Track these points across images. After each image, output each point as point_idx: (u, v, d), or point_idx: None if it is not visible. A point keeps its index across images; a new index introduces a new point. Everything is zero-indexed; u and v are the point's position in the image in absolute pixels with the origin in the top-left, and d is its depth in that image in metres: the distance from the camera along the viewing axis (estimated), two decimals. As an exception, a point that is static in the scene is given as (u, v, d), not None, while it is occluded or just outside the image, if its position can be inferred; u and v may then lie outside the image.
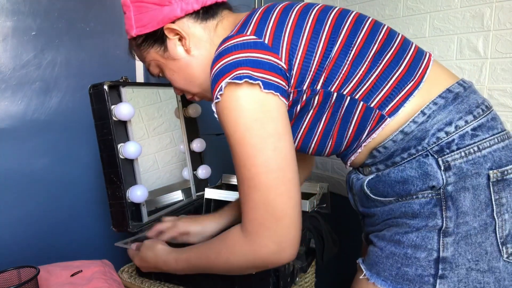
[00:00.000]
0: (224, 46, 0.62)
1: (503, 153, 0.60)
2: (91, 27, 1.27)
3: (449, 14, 1.22)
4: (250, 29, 0.63)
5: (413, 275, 0.61)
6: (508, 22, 1.08)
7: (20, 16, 1.13)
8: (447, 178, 0.58)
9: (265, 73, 0.58)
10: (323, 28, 0.64)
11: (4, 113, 1.13)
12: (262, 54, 0.59)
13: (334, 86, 0.63)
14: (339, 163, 1.71)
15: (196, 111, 1.32)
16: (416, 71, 0.64)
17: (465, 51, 1.18)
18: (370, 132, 0.65)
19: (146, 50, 0.76)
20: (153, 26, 0.72)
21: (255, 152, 0.58)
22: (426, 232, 0.60)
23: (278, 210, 0.58)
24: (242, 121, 0.58)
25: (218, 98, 0.60)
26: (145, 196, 1.04)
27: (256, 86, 0.57)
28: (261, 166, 0.58)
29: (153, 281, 0.98)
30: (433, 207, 0.60)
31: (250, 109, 0.58)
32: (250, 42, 0.60)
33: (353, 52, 0.63)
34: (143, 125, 1.16)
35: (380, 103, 0.63)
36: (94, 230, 1.35)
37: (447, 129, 0.59)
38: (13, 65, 1.14)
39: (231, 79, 0.57)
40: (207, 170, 1.34)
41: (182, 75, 0.76)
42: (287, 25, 0.63)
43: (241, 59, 0.58)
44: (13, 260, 1.10)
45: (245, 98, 0.58)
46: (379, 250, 0.67)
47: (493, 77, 1.13)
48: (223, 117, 0.61)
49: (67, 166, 1.26)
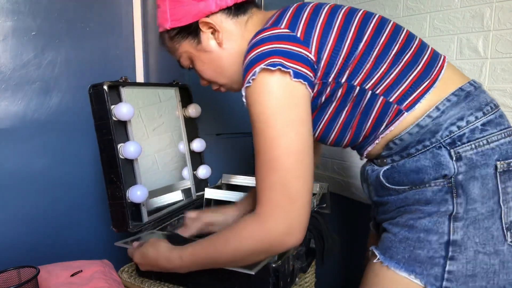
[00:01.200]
0: (259, 37, 0.67)
1: (509, 146, 0.66)
2: (91, 27, 1.27)
3: (449, 14, 1.22)
4: (284, 23, 0.68)
5: (425, 257, 0.66)
6: (508, 22, 1.08)
7: (20, 16, 1.13)
8: (458, 168, 0.64)
9: (296, 64, 0.63)
10: (350, 27, 0.70)
11: (4, 113, 1.13)
12: (295, 46, 0.64)
13: (357, 81, 0.68)
14: (339, 163, 1.71)
15: (196, 111, 1.32)
16: (432, 70, 0.70)
17: (465, 51, 1.18)
18: (388, 125, 0.70)
19: (179, 42, 0.81)
20: (188, 19, 0.77)
21: (279, 134, 0.62)
22: (437, 217, 0.66)
23: (293, 192, 0.62)
24: (269, 104, 0.62)
25: (249, 82, 0.64)
26: (145, 196, 1.04)
27: (287, 75, 0.62)
28: (283, 148, 0.61)
29: (153, 281, 0.98)
30: (444, 194, 0.65)
31: (279, 94, 0.62)
32: (285, 35, 0.66)
33: (376, 50, 0.69)
34: (143, 125, 1.16)
35: (398, 98, 0.68)
36: (94, 230, 1.35)
37: (459, 123, 0.65)
38: (13, 65, 1.14)
39: (266, 65, 0.62)
40: (207, 170, 1.34)
41: (213, 66, 0.81)
42: (318, 22, 0.69)
43: (275, 49, 0.63)
44: (13, 260, 1.10)
45: (276, 84, 0.62)
46: (392, 236, 0.72)
47: (493, 77, 1.13)
48: (251, 100, 0.65)
49: (67, 166, 1.26)
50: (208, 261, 0.74)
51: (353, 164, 1.64)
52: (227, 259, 0.71)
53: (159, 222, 1.12)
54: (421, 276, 0.67)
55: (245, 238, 0.66)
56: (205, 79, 0.86)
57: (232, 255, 0.69)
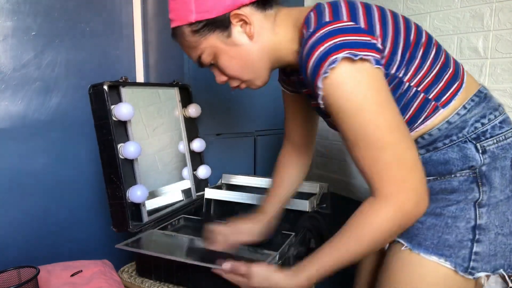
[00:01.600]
0: (326, 30, 0.66)
1: None
2: (91, 27, 1.27)
3: (449, 14, 1.22)
4: (345, 17, 0.69)
5: (454, 241, 0.72)
6: (508, 22, 1.08)
7: (20, 16, 1.13)
8: (483, 160, 0.71)
9: (374, 52, 0.65)
10: (400, 24, 0.73)
11: (4, 113, 1.13)
12: (366, 37, 0.66)
13: (407, 77, 0.71)
14: (339, 163, 1.71)
15: (196, 111, 1.32)
16: (460, 72, 0.76)
17: (465, 51, 1.18)
18: (424, 120, 0.74)
19: (205, 36, 0.75)
20: (219, 11, 0.72)
21: (375, 116, 0.64)
22: (464, 205, 0.72)
23: (409, 162, 0.65)
24: (359, 90, 0.64)
25: (327, 72, 0.64)
26: (145, 196, 1.04)
27: (367, 62, 0.64)
28: (384, 126, 0.64)
29: (153, 281, 0.98)
30: (470, 184, 0.72)
31: (364, 80, 0.64)
32: (353, 27, 0.66)
33: (421, 49, 0.72)
34: (143, 125, 1.16)
35: (436, 95, 0.73)
36: (94, 230, 1.35)
37: (482, 121, 0.72)
38: (13, 65, 1.14)
39: (346, 54, 0.62)
40: (207, 170, 1.34)
41: (241, 61, 0.78)
42: (374, 16, 0.71)
43: (350, 41, 0.64)
44: (13, 260, 1.10)
45: (359, 71, 0.64)
46: (418, 224, 0.75)
47: (493, 77, 1.13)
48: (335, 91, 0.65)
49: (67, 166, 1.26)
50: (340, 265, 0.74)
51: (353, 164, 1.64)
52: (363, 253, 0.72)
53: (159, 222, 1.12)
54: (450, 259, 0.72)
55: (380, 224, 0.67)
56: (229, 75, 0.81)
57: (367, 247, 0.70)
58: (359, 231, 0.69)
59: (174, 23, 0.77)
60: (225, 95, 1.51)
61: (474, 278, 0.71)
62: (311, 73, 0.66)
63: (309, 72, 0.67)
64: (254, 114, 1.60)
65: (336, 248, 0.72)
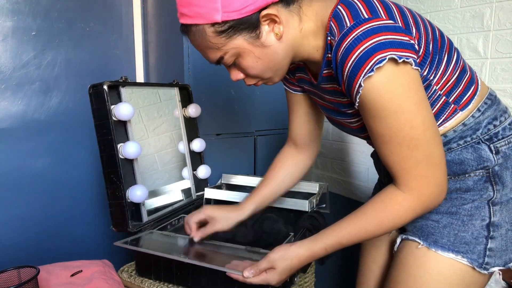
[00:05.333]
0: (368, 26, 0.65)
1: None
2: (91, 27, 1.27)
3: (449, 14, 1.22)
4: (383, 15, 0.68)
5: (470, 238, 0.75)
6: (508, 22, 1.08)
7: (20, 16, 1.13)
8: (497, 160, 0.74)
9: (413, 53, 0.66)
10: (428, 27, 0.74)
11: (4, 113, 1.13)
12: (404, 36, 0.66)
13: (435, 80, 0.73)
14: (339, 163, 1.71)
15: (196, 111, 1.32)
16: (474, 76, 0.79)
17: (465, 51, 1.18)
18: (443, 122, 0.76)
19: (231, 37, 0.69)
20: (249, 10, 0.66)
21: (413, 115, 0.66)
22: (478, 203, 0.75)
23: (437, 159, 0.68)
24: (399, 92, 0.65)
25: (372, 71, 0.63)
26: (145, 196, 1.04)
27: (408, 64, 0.65)
28: (420, 126, 0.66)
29: (152, 281, 0.98)
30: (484, 183, 0.75)
31: (406, 82, 0.65)
32: (393, 26, 0.66)
33: (446, 52, 0.74)
34: (143, 125, 1.16)
35: (456, 98, 0.75)
36: (94, 230, 1.35)
37: (494, 122, 0.75)
38: (13, 65, 1.14)
39: (392, 55, 0.63)
40: (207, 170, 1.34)
41: (266, 62, 0.73)
42: (408, 16, 0.71)
43: (393, 40, 0.64)
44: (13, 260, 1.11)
45: (402, 73, 0.65)
46: (434, 223, 0.78)
47: (493, 77, 1.13)
48: (378, 90, 0.65)
49: (67, 166, 1.27)
50: (355, 241, 0.77)
51: (353, 164, 1.64)
52: (379, 235, 0.76)
53: (158, 222, 1.12)
54: (467, 255, 0.75)
55: (403, 213, 0.71)
56: (250, 75, 0.76)
57: (385, 230, 0.75)
58: (381, 216, 0.73)
59: (190, 20, 0.69)
60: (225, 95, 1.51)
61: (488, 272, 0.75)
62: (351, 70, 0.64)
63: (348, 68, 0.65)
64: (254, 114, 1.60)
65: (354, 226, 0.76)
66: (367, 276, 0.99)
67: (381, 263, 0.97)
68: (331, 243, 0.77)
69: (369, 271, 0.99)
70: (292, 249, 0.79)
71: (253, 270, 0.80)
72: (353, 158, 1.63)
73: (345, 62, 0.65)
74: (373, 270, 0.98)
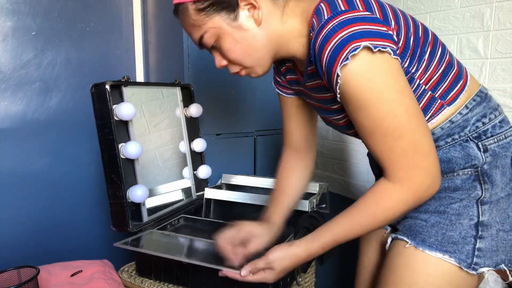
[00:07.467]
0: (344, 17, 0.65)
1: None
2: (91, 27, 1.27)
3: (449, 14, 1.22)
4: (361, 7, 0.69)
5: (458, 238, 0.74)
6: (508, 22, 1.08)
7: (20, 16, 1.13)
8: (485, 158, 0.72)
9: (390, 43, 0.65)
10: (409, 21, 0.73)
11: (4, 113, 1.13)
12: (381, 27, 0.66)
13: (417, 74, 0.72)
14: (339, 163, 1.71)
15: (198, 111, 1.32)
16: (463, 72, 0.77)
17: (465, 51, 1.18)
18: (430, 118, 0.75)
19: (210, 16, 0.73)
20: None
21: (395, 105, 0.65)
22: (467, 202, 0.74)
23: (425, 148, 0.67)
24: (379, 80, 0.65)
25: (348, 59, 0.63)
26: (146, 196, 1.04)
27: (385, 53, 0.64)
28: (403, 115, 0.65)
29: (153, 281, 0.98)
30: (473, 182, 0.73)
31: (383, 69, 0.65)
32: (370, 17, 0.66)
33: (429, 47, 0.73)
34: (144, 121, 1.16)
35: (442, 93, 0.74)
36: (94, 230, 1.35)
37: (483, 120, 0.73)
38: (13, 65, 1.14)
39: (367, 44, 0.62)
40: (208, 170, 1.34)
41: (244, 46, 0.76)
42: (387, 9, 0.71)
43: (369, 30, 0.64)
44: (13, 260, 1.10)
45: (379, 61, 0.64)
46: (422, 222, 0.78)
47: (493, 77, 1.13)
48: (355, 79, 0.65)
49: (67, 166, 1.26)
50: (352, 237, 0.77)
51: (353, 164, 1.64)
52: (374, 228, 0.74)
53: (159, 222, 1.12)
54: (454, 255, 0.74)
55: (395, 205, 0.70)
56: (231, 59, 0.78)
57: (380, 224, 0.73)
58: (374, 210, 0.72)
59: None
60: (225, 95, 1.51)
61: (477, 273, 0.73)
62: (328, 60, 0.65)
63: (326, 59, 0.65)
64: (254, 114, 1.60)
65: (349, 222, 0.75)
66: (364, 275, 0.99)
67: (376, 262, 0.96)
68: (327, 241, 0.77)
69: (366, 271, 0.99)
70: (290, 249, 0.79)
71: (250, 269, 0.80)
72: (353, 158, 1.63)
73: (322, 53, 0.66)
74: (370, 269, 0.98)
